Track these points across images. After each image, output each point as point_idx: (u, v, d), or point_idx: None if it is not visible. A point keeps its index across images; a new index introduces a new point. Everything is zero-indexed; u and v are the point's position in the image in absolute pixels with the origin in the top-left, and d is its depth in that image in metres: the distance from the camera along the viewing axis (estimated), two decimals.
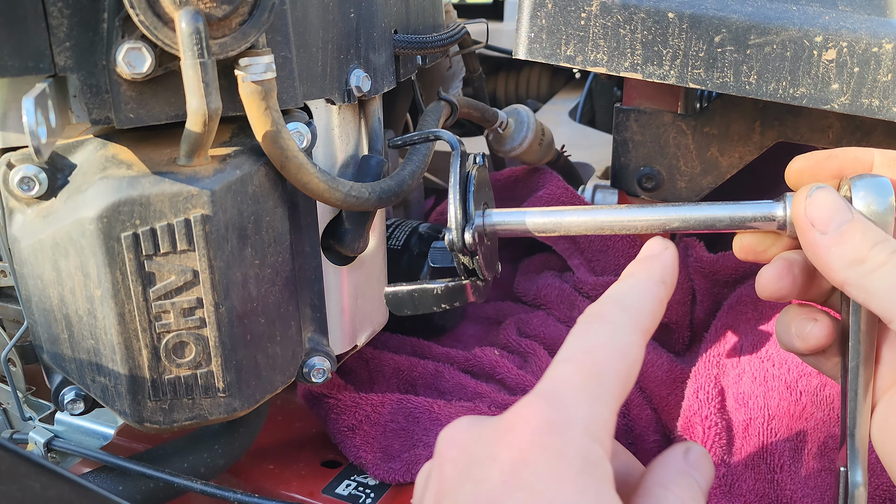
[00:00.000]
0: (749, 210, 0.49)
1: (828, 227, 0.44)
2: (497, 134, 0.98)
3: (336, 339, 0.68)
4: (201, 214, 0.52)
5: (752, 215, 0.49)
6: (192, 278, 0.53)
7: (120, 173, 0.52)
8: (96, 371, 0.55)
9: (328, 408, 0.76)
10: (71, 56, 0.50)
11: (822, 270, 0.45)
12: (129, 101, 0.52)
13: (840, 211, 0.44)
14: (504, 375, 0.82)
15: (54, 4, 0.49)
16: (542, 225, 0.52)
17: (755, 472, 0.66)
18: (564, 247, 0.98)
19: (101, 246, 0.51)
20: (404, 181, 0.64)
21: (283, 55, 0.55)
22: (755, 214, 0.49)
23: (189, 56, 0.47)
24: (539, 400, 0.37)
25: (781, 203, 0.48)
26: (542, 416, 0.36)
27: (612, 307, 0.42)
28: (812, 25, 0.63)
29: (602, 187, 1.08)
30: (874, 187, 0.45)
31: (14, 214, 0.54)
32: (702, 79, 0.67)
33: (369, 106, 0.67)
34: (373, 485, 0.73)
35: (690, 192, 0.88)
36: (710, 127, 0.85)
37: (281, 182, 0.57)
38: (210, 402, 0.56)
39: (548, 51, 0.70)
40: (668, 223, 0.50)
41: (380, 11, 0.64)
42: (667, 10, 0.66)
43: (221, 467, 0.69)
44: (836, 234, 0.44)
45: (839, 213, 0.44)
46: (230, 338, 0.55)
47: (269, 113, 0.52)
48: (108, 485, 0.63)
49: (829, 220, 0.44)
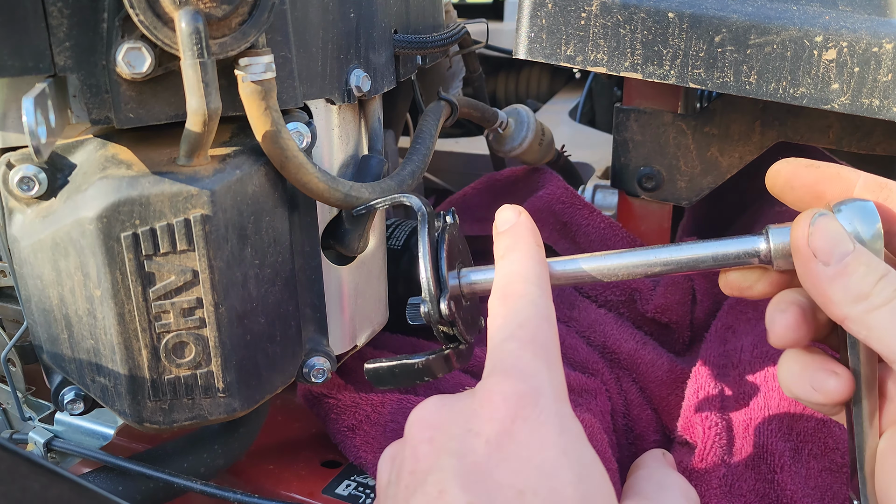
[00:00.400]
0: (731, 247, 0.47)
1: (831, 258, 0.41)
2: (497, 134, 0.98)
3: (336, 339, 0.68)
4: (201, 214, 0.52)
5: (735, 252, 0.47)
6: (191, 278, 0.53)
7: (120, 173, 0.51)
8: (96, 371, 0.55)
9: (328, 408, 0.76)
10: (71, 56, 0.50)
11: (821, 304, 0.43)
12: (129, 101, 0.52)
13: (843, 241, 0.42)
14: None
15: (54, 4, 0.49)
16: None
17: (755, 472, 0.65)
18: (565, 247, 0.98)
19: (101, 246, 0.51)
20: (404, 181, 0.64)
21: (283, 55, 0.55)
22: (737, 251, 0.47)
23: (189, 56, 0.47)
24: (505, 377, 0.41)
25: (763, 237, 0.46)
26: (515, 390, 0.40)
27: (520, 283, 0.46)
28: (812, 25, 0.63)
29: (602, 187, 1.08)
30: (860, 213, 0.42)
31: (14, 214, 0.54)
32: (702, 79, 0.67)
33: (369, 106, 0.67)
34: (373, 485, 0.73)
35: (691, 191, 0.88)
36: (710, 127, 0.85)
37: (281, 182, 0.57)
38: (210, 402, 0.56)
39: (548, 50, 0.70)
40: (650, 268, 0.49)
41: (380, 11, 0.64)
42: (667, 10, 0.66)
43: (221, 467, 0.69)
44: (840, 267, 0.41)
45: (842, 244, 0.42)
46: (230, 338, 0.55)
47: (268, 113, 0.52)
48: (108, 485, 0.63)
49: (833, 252, 0.41)
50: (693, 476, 0.68)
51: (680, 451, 0.72)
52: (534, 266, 0.47)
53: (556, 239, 0.99)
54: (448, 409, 0.42)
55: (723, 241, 0.47)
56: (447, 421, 0.41)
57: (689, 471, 0.68)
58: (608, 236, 0.92)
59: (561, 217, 0.97)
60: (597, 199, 1.08)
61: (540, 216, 0.97)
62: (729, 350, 0.77)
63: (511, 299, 0.45)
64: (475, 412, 0.40)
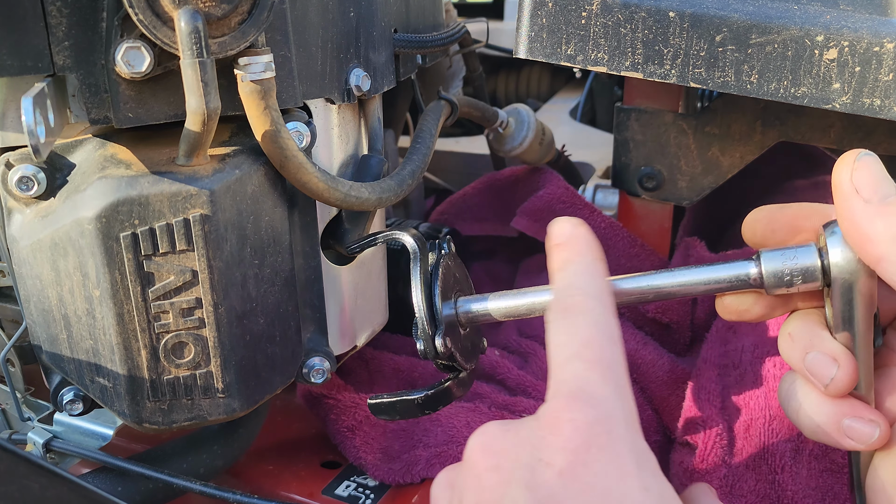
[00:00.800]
0: (723, 272, 0.46)
1: (874, 195, 0.40)
2: (497, 133, 0.98)
3: (336, 339, 0.67)
4: (200, 214, 0.52)
5: (727, 277, 0.46)
6: (191, 278, 0.53)
7: (119, 173, 0.51)
8: (95, 371, 0.55)
9: (328, 408, 0.76)
10: (70, 55, 0.50)
11: (856, 242, 0.41)
12: (128, 101, 0.52)
13: (887, 181, 0.40)
14: (504, 376, 0.82)
15: (53, 4, 0.48)
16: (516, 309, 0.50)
17: (756, 472, 0.65)
18: None
19: (100, 246, 0.51)
20: (404, 181, 0.63)
21: (283, 54, 0.55)
22: (729, 276, 0.46)
23: (188, 55, 0.46)
24: (573, 401, 0.37)
25: (755, 262, 0.45)
26: (586, 417, 0.37)
27: (580, 297, 0.42)
28: (813, 25, 0.63)
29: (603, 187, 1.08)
30: None
31: (13, 214, 0.54)
32: (703, 78, 0.67)
33: (369, 105, 0.67)
34: (372, 485, 0.72)
35: (691, 191, 0.88)
36: (711, 126, 0.85)
37: (280, 182, 0.57)
38: (209, 402, 0.56)
39: (548, 50, 0.70)
40: (644, 295, 0.48)
41: (380, 10, 0.63)
42: (668, 10, 0.66)
43: (221, 468, 0.69)
44: (883, 205, 0.40)
45: (886, 184, 0.40)
46: (229, 338, 0.55)
47: (268, 112, 0.51)
48: (107, 485, 0.63)
49: (876, 189, 0.40)
50: (694, 476, 0.67)
51: (680, 452, 0.72)
52: (595, 280, 0.43)
53: None
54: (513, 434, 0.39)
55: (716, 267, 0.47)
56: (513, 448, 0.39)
57: (690, 471, 0.68)
58: (609, 236, 0.92)
59: None
60: (597, 198, 1.08)
61: (540, 216, 0.97)
62: (730, 350, 0.77)
63: (572, 314, 0.41)
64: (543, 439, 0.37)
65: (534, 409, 0.77)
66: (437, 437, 0.73)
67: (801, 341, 0.45)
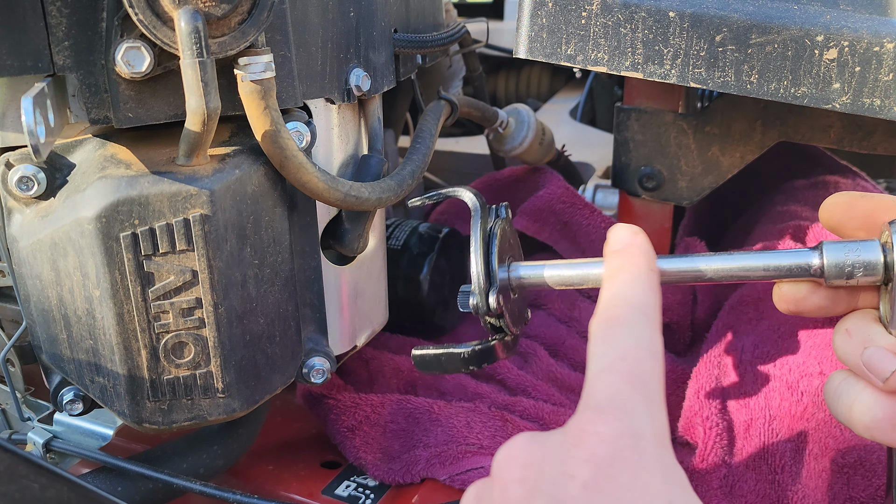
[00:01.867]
0: (785, 259, 0.47)
1: None
2: (497, 133, 0.98)
3: (335, 339, 0.67)
4: (200, 214, 0.52)
5: (788, 264, 0.47)
6: (191, 278, 0.53)
7: (119, 173, 0.51)
8: (95, 371, 0.55)
9: (328, 408, 0.76)
10: (70, 55, 0.50)
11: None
12: (128, 101, 0.52)
13: None
14: (504, 376, 0.82)
15: (53, 3, 0.48)
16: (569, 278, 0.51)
17: (756, 472, 0.65)
18: (565, 247, 0.98)
19: (100, 246, 0.51)
20: (404, 181, 0.63)
21: (283, 54, 0.55)
22: (790, 264, 0.47)
23: (188, 55, 0.46)
24: (602, 413, 0.37)
25: (817, 252, 0.46)
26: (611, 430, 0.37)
27: (625, 308, 0.42)
28: (813, 25, 0.63)
29: (603, 187, 1.08)
30: None
31: (13, 214, 0.54)
32: (703, 78, 0.67)
33: (369, 105, 0.67)
34: (372, 485, 0.72)
35: (692, 191, 0.88)
36: (711, 126, 0.85)
37: (280, 182, 0.57)
38: (209, 402, 0.56)
39: (548, 50, 0.70)
40: (701, 275, 0.48)
41: (380, 10, 0.63)
42: (668, 9, 0.66)
43: (221, 468, 0.69)
44: None
45: None
46: (229, 338, 0.55)
47: (268, 112, 0.51)
48: (107, 485, 0.63)
49: None
50: (694, 476, 0.67)
51: (681, 452, 0.72)
52: (643, 291, 0.43)
53: (556, 239, 0.99)
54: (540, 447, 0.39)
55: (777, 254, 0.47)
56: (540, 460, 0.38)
57: (690, 471, 0.68)
58: None
59: (561, 217, 0.96)
60: (597, 198, 1.08)
61: (540, 216, 0.97)
62: (730, 350, 0.77)
63: (614, 325, 0.41)
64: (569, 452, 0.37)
65: (534, 409, 0.77)
66: (437, 437, 0.73)
67: (859, 336, 0.45)
